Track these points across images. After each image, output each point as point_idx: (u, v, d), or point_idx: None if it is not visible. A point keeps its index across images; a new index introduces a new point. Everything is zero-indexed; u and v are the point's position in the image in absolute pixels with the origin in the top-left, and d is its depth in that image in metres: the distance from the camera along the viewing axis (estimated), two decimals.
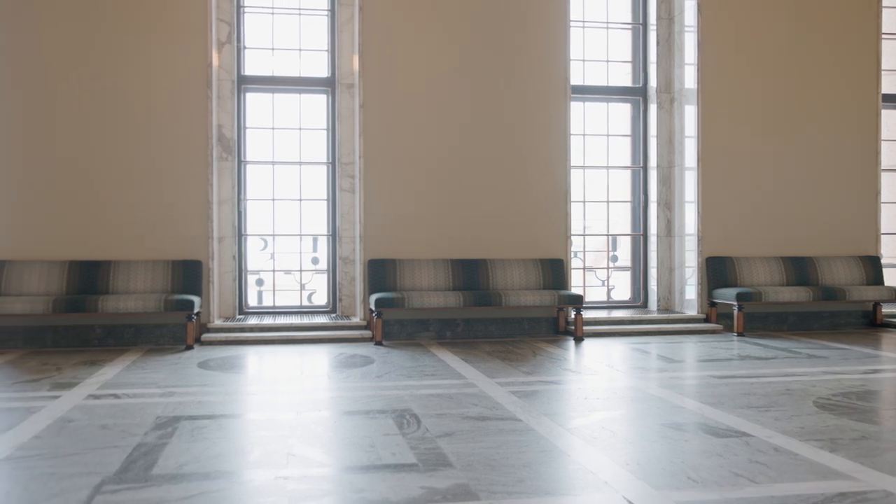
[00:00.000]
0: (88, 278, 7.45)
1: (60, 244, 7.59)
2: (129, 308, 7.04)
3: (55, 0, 7.57)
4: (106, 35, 7.66)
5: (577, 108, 9.02)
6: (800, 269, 8.69)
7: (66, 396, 4.94)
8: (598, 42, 9.21)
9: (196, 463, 3.38)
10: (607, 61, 9.22)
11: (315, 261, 8.66)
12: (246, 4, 8.49)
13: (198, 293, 7.63)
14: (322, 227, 8.64)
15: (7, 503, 2.89)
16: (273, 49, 8.59)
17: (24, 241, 7.52)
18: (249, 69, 8.51)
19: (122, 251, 7.68)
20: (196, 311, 7.34)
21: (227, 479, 3.17)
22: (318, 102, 8.65)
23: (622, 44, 9.29)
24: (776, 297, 8.14)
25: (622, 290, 9.38)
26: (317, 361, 6.49)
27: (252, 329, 7.76)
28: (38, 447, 3.66)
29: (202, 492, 3.00)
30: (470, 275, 8.05)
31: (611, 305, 9.26)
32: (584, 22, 9.14)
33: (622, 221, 9.36)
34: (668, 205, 9.05)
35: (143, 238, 7.70)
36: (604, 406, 4.64)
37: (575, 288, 8.92)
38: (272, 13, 8.56)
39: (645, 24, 9.13)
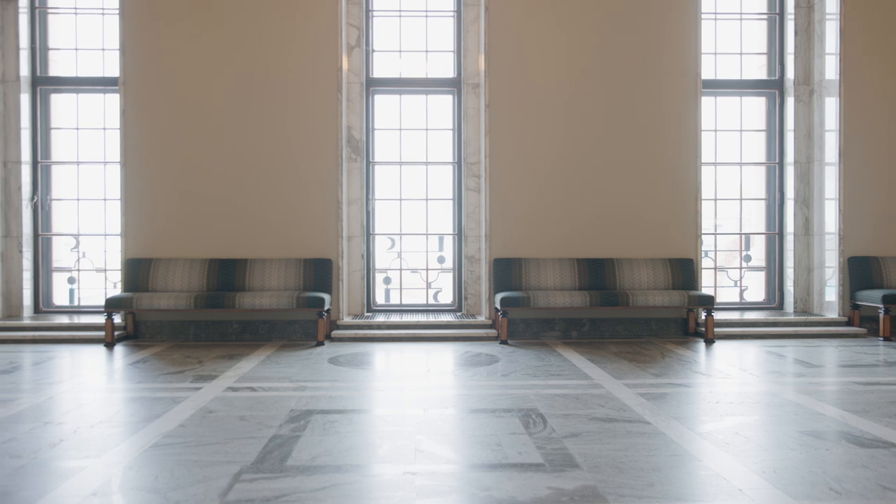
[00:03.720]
0: (226, 276, 7.82)
1: (201, 243, 8.00)
2: (263, 304, 7.34)
3: (189, 12, 7.99)
4: (241, 43, 8.01)
5: (708, 103, 8.75)
6: None
7: (206, 388, 5.20)
8: (730, 34, 8.88)
9: (328, 456, 3.49)
10: (741, 54, 8.88)
11: (441, 259, 8.76)
12: (374, 8, 8.68)
13: (328, 291, 7.87)
14: (448, 226, 8.74)
15: (155, 486, 3.07)
16: (400, 51, 8.74)
17: (169, 241, 7.97)
18: (377, 72, 8.70)
19: (257, 250, 8.01)
20: (326, 308, 7.57)
21: (357, 473, 3.25)
22: (444, 103, 8.74)
23: (756, 35, 8.93)
24: None
25: (756, 290, 9.02)
26: (443, 359, 6.56)
27: (380, 326, 7.93)
28: (183, 435, 3.87)
29: (334, 484, 3.09)
30: (596, 274, 7.95)
31: (743, 307, 8.93)
32: (716, 14, 8.84)
33: (756, 220, 9.00)
34: (807, 202, 8.63)
35: (277, 237, 8.02)
36: (737, 411, 4.48)
37: (705, 288, 8.68)
38: (399, 16, 8.71)
39: (782, 14, 8.75)
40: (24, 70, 8.39)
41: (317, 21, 8.02)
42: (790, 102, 8.67)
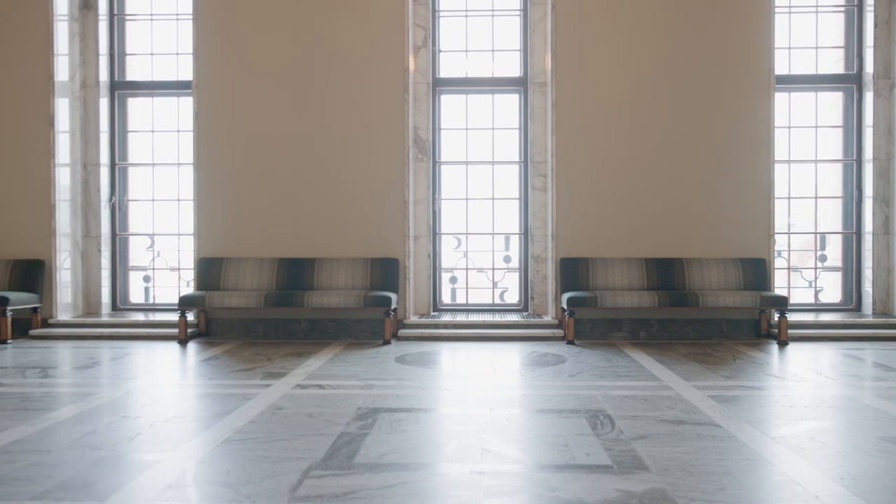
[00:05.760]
0: (295, 275, 7.94)
1: (271, 243, 8.14)
2: (331, 303, 7.43)
3: (259, 16, 8.13)
4: (311, 45, 8.12)
5: (781, 99, 8.52)
6: None
7: (276, 385, 5.28)
8: (805, 28, 8.64)
9: (395, 454, 3.51)
10: (816, 48, 8.63)
11: (507, 259, 8.74)
12: (441, 8, 8.71)
13: (395, 290, 7.92)
14: (514, 225, 8.71)
15: (227, 481, 3.13)
16: (466, 51, 8.75)
17: (240, 240, 8.14)
18: (444, 72, 8.72)
19: (325, 249, 8.12)
20: (393, 307, 7.62)
21: (424, 471, 3.26)
22: (510, 102, 8.72)
23: (833, 28, 8.66)
24: None
25: (831, 291, 8.75)
26: (509, 359, 6.54)
27: (446, 326, 7.95)
28: (253, 431, 3.94)
29: (402, 482, 3.11)
30: (665, 274, 7.82)
31: (818, 308, 8.67)
32: (790, 7, 8.61)
33: (832, 218, 8.73)
34: (886, 200, 8.34)
35: (345, 237, 8.11)
36: (812, 415, 4.35)
37: (778, 289, 8.47)
38: (465, 16, 8.72)
39: (860, 6, 8.47)
40: (104, 75, 8.67)
41: (384, 22, 8.09)
42: (869, 97, 8.39)
